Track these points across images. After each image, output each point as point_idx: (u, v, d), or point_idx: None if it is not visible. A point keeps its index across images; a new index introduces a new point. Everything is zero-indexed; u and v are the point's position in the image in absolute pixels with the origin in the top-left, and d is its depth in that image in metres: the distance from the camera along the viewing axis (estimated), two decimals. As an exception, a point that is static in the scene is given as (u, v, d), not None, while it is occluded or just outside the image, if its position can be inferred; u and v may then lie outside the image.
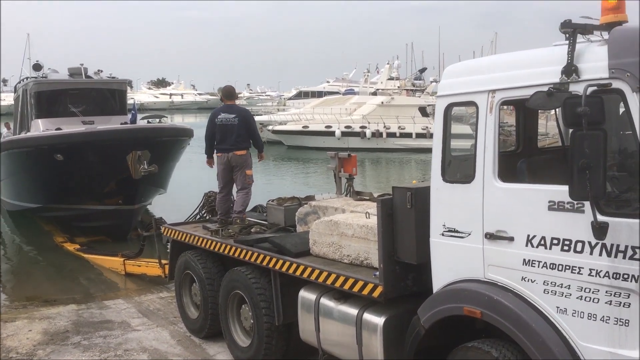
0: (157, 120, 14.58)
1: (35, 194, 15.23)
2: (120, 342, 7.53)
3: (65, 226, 15.15)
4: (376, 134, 36.13)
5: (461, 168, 4.62)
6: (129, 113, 16.95)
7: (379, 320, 4.94)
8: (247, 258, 6.44)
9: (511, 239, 4.04)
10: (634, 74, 3.46)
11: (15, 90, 19.13)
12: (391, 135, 36.18)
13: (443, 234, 4.50)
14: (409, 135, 35.82)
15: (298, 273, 5.76)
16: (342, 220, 5.73)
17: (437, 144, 4.58)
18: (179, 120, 59.62)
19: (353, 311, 5.16)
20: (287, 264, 5.90)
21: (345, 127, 36.46)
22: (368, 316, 5.03)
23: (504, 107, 5.09)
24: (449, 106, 4.56)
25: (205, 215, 8.67)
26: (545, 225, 3.84)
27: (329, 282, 5.40)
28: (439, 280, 4.58)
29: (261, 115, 43.84)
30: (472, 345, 4.23)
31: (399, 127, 36.17)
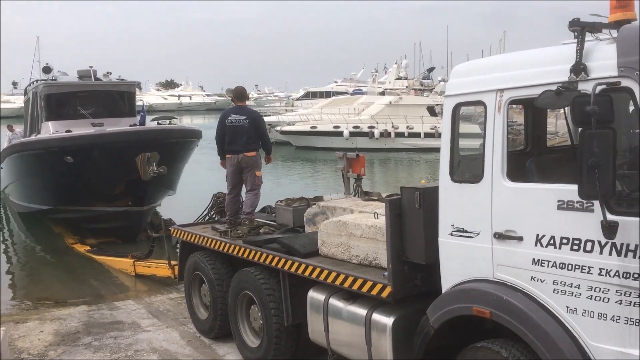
0: (167, 121, 14.58)
1: (46, 195, 15.34)
2: (131, 343, 7.58)
3: (76, 228, 15.23)
4: (384, 134, 36.03)
5: (470, 168, 4.61)
6: (138, 115, 17.02)
7: (388, 320, 4.94)
8: (256, 259, 6.46)
9: (520, 239, 4.03)
10: None
11: (26, 93, 19.23)
12: (399, 135, 36.08)
13: (452, 234, 4.49)
14: (417, 135, 35.71)
15: (307, 273, 5.77)
16: (351, 220, 5.73)
17: (445, 144, 4.58)
18: (187, 121, 59.68)
19: (362, 311, 5.16)
20: (296, 264, 5.91)
21: (354, 127, 36.40)
22: (377, 316, 5.04)
23: (512, 107, 5.07)
24: (457, 106, 4.55)
25: (214, 216, 8.69)
26: (554, 224, 3.83)
27: (338, 283, 5.41)
28: (448, 280, 4.57)
29: (269, 115, 43.87)
30: (482, 345, 4.22)
31: (408, 127, 36.07)
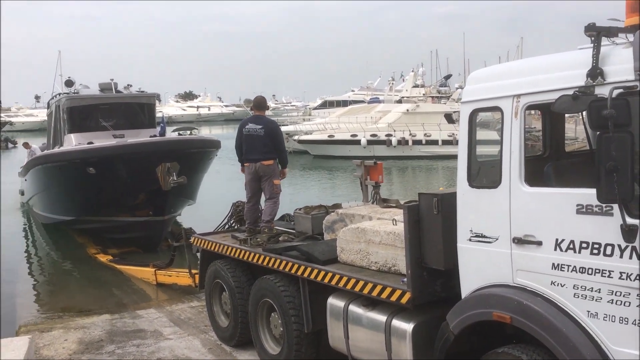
0: (189, 132, 14.77)
1: (69, 206, 15.59)
2: (153, 351, 7.67)
3: (98, 238, 15.45)
4: (402, 142, 36.03)
5: (487, 173, 4.62)
6: (158, 126, 17.25)
7: (407, 326, 4.95)
8: (276, 266, 6.51)
9: (539, 244, 4.03)
10: None
11: (48, 107, 19.62)
12: (417, 142, 36.05)
13: (470, 240, 4.50)
14: (435, 142, 35.65)
15: (326, 280, 5.80)
16: (369, 227, 5.76)
17: (463, 150, 4.60)
18: (206, 132, 60.33)
19: (382, 318, 5.18)
20: (316, 271, 5.95)
21: (371, 136, 36.43)
22: (397, 322, 5.05)
23: (531, 112, 5.06)
24: (474, 112, 4.57)
25: (233, 224, 8.76)
26: (573, 229, 3.83)
27: (357, 289, 5.43)
28: (468, 285, 4.58)
29: (287, 125, 44.08)
30: (502, 350, 4.22)
31: (425, 135, 36.02)
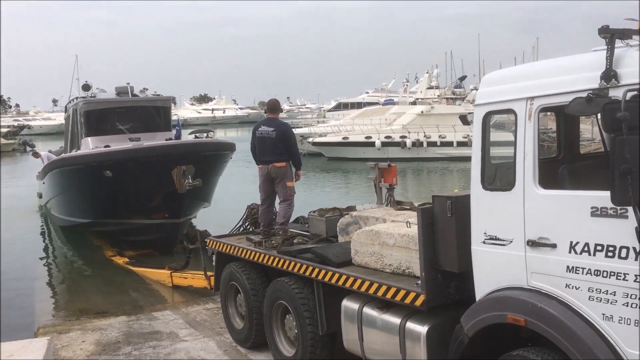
0: (205, 134, 14.86)
1: (86, 209, 15.78)
2: (169, 352, 7.74)
3: (114, 240, 15.61)
4: (417, 144, 35.93)
5: (501, 175, 4.62)
6: (174, 129, 17.37)
7: (422, 329, 4.96)
8: (290, 269, 6.54)
9: (554, 246, 4.02)
10: None
11: (66, 110, 19.87)
12: (432, 144, 35.93)
13: (484, 242, 4.50)
14: (450, 144, 35.48)
15: (341, 283, 5.83)
16: (383, 229, 5.77)
17: (477, 152, 4.60)
18: (221, 134, 60.47)
19: (396, 320, 5.19)
20: (330, 273, 5.97)
21: (385, 138, 36.38)
22: (411, 325, 5.06)
23: (547, 114, 5.03)
24: (488, 114, 4.58)
25: (248, 227, 8.83)
26: (588, 231, 3.81)
27: (372, 292, 5.45)
28: (482, 288, 4.57)
29: (301, 127, 44.20)
30: (517, 353, 4.21)
31: (440, 136, 35.88)
